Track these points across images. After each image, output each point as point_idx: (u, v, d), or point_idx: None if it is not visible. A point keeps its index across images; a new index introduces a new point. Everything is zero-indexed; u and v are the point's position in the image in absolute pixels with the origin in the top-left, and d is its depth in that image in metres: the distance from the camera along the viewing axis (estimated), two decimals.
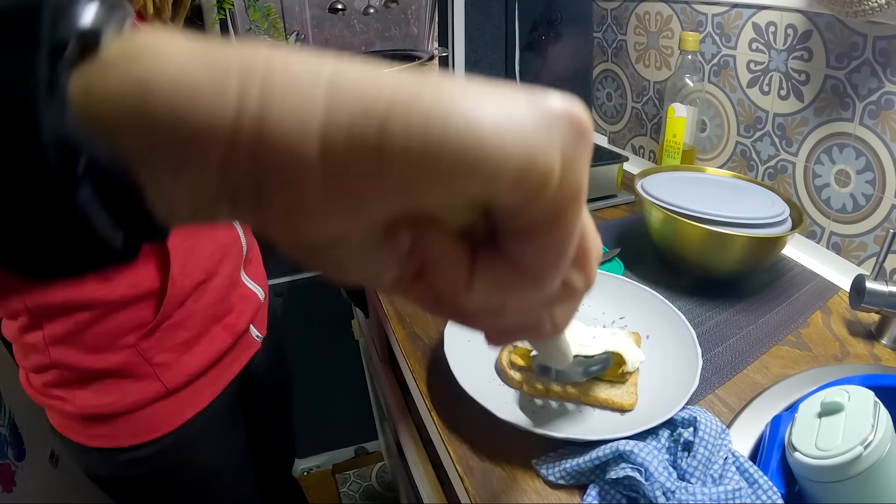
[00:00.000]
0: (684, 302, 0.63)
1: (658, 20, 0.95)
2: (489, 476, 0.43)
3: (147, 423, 0.55)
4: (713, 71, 0.86)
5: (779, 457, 0.40)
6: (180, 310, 0.54)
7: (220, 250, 0.58)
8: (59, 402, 0.53)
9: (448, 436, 0.47)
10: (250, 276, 0.65)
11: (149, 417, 0.54)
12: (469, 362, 0.50)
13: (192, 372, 0.56)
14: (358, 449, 1.65)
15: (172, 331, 0.54)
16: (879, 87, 0.63)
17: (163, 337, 0.53)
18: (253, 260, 0.67)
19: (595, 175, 0.85)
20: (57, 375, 0.51)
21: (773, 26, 0.75)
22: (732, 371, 0.52)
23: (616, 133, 1.14)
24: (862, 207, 0.68)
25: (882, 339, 0.57)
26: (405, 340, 0.60)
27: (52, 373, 0.51)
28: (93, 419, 0.53)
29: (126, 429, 0.54)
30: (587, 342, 0.46)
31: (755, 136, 0.82)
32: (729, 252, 0.60)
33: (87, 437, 0.54)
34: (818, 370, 0.52)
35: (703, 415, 0.40)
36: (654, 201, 0.63)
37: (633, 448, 0.37)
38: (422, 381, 0.54)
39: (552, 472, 0.41)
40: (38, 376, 0.53)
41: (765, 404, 0.47)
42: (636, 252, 0.71)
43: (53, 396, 0.53)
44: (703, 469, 0.37)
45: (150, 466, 0.57)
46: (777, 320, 0.60)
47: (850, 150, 0.68)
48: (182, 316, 0.54)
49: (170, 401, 0.55)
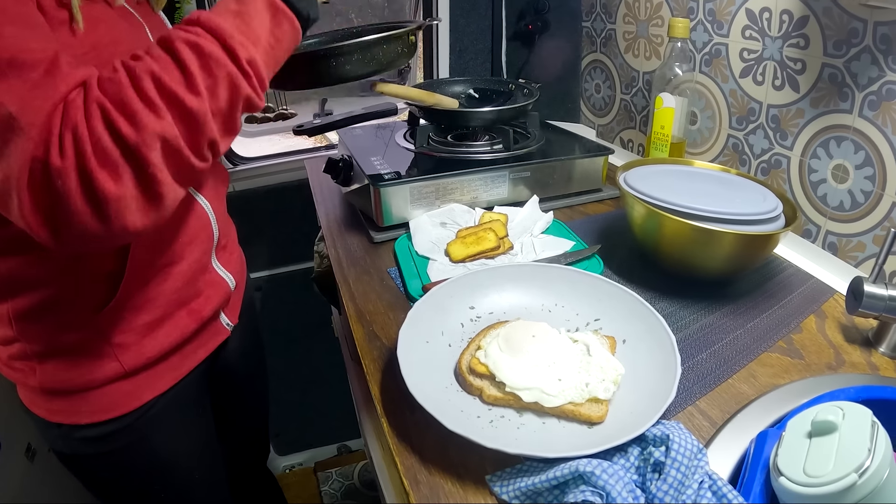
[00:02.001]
0: (667, 303, 0.58)
1: (648, 8, 0.91)
2: (437, 492, 0.39)
3: (105, 401, 0.55)
4: (704, 60, 0.82)
5: (763, 479, 0.35)
6: (143, 291, 0.54)
7: (187, 234, 0.57)
8: (22, 375, 0.54)
9: (397, 445, 0.43)
10: (223, 262, 0.64)
11: (107, 396, 0.55)
12: (427, 366, 0.46)
13: (152, 355, 0.56)
14: (341, 447, 1.63)
15: (134, 312, 0.54)
16: (880, 76, 0.59)
17: (124, 317, 0.53)
18: (227, 247, 0.66)
19: (579, 168, 0.80)
20: (20, 349, 0.52)
21: (767, 12, 0.71)
22: (716, 380, 0.48)
23: (604, 126, 1.10)
24: (861, 205, 0.64)
25: (880, 346, 0.53)
26: (363, 340, 0.56)
27: (16, 346, 0.52)
28: (53, 394, 0.54)
29: (84, 406, 0.54)
30: (550, 387, 0.41)
31: (748, 128, 0.78)
32: (716, 250, 0.55)
33: (48, 412, 0.55)
34: (810, 380, 0.47)
35: (678, 432, 0.35)
36: (636, 195, 0.59)
37: (594, 469, 0.32)
38: (376, 384, 0.50)
39: (507, 491, 0.37)
40: (3, 348, 0.54)
41: (750, 418, 0.42)
42: (618, 249, 0.67)
43: (17, 369, 0.54)
44: (674, 494, 0.32)
45: (109, 445, 0.57)
46: (767, 325, 0.55)
47: (848, 143, 0.64)
48: (145, 298, 0.54)
49: (128, 381, 0.55)
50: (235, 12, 0.41)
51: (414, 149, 0.82)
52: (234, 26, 0.40)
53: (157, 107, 0.36)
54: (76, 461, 0.59)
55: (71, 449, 0.57)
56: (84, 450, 0.57)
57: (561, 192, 0.81)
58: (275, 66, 0.44)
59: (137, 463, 0.60)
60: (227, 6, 0.42)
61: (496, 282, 0.54)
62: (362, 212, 0.79)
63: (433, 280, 0.60)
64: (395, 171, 0.73)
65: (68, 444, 0.57)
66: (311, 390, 1.45)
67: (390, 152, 0.82)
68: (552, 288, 0.54)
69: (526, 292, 0.54)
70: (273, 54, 0.43)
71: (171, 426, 0.61)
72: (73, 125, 0.35)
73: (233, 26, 0.40)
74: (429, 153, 0.80)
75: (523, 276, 0.55)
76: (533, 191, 0.77)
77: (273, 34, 0.43)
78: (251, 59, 0.40)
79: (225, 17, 0.40)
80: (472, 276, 0.54)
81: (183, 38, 0.38)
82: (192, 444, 0.66)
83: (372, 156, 0.80)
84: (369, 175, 0.72)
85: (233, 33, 0.39)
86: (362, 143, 0.87)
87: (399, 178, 0.71)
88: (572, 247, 0.66)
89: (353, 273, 0.67)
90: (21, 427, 0.91)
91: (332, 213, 0.83)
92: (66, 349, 0.52)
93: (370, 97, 1.57)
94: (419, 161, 0.79)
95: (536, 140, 0.84)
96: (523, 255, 0.65)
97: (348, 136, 0.91)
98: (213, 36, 0.39)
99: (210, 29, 0.39)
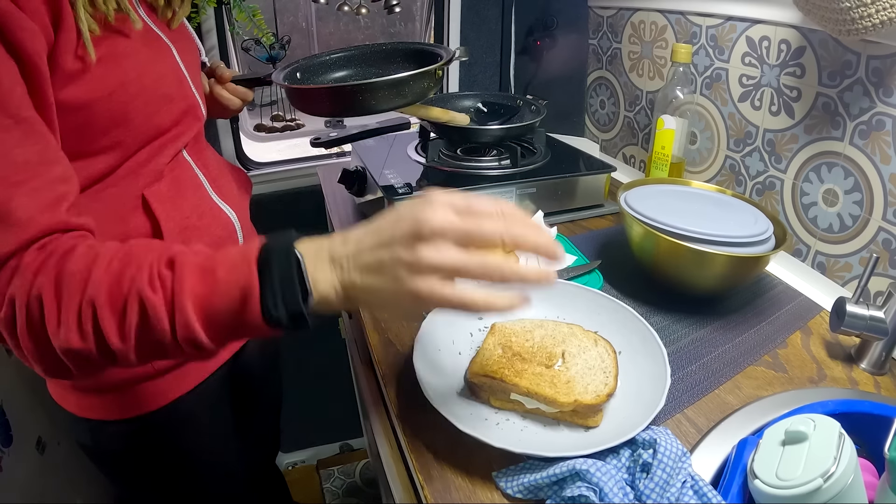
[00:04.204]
0: (661, 318, 0.62)
1: (653, 30, 0.95)
2: (449, 486, 0.43)
3: (135, 399, 0.57)
4: (705, 83, 0.86)
5: (741, 482, 0.39)
6: None
7: (214, 243, 0.58)
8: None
9: (412, 443, 0.46)
10: None
11: (137, 394, 0.57)
12: (439, 372, 0.50)
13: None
14: (343, 445, 1.66)
15: None
16: (871, 107, 0.63)
17: None
18: None
19: (583, 184, 0.84)
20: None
21: (766, 41, 0.75)
22: (704, 390, 0.52)
23: (608, 141, 1.13)
24: (849, 228, 0.67)
25: (861, 362, 0.56)
26: (378, 346, 0.59)
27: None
28: (86, 391, 0.56)
29: (115, 403, 0.57)
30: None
31: (745, 150, 0.81)
32: (708, 270, 0.59)
33: (78, 408, 0.57)
34: (792, 393, 0.51)
35: (664, 437, 0.39)
36: (635, 215, 0.63)
37: (589, 467, 0.36)
38: (391, 388, 0.53)
39: (511, 486, 0.41)
40: None
41: (733, 426, 0.46)
42: (618, 265, 0.70)
43: None
44: (659, 492, 0.36)
45: (136, 441, 0.60)
46: (755, 339, 0.59)
47: (838, 169, 0.67)
48: None
49: (158, 380, 0.58)
50: (210, 283, 0.35)
51: (425, 162, 0.86)
52: (196, 298, 0.35)
53: (84, 331, 0.35)
54: (102, 455, 0.62)
55: (98, 443, 0.60)
56: (111, 445, 0.60)
57: (564, 207, 0.85)
58: (230, 342, 0.39)
59: (161, 458, 0.63)
60: (214, 270, 0.36)
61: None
62: None
63: None
64: (406, 184, 0.77)
65: (95, 439, 0.59)
66: (315, 389, 1.48)
67: (402, 164, 0.86)
68: (554, 301, 0.58)
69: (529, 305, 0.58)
70: (226, 339, 0.37)
71: (195, 423, 0.64)
72: (12, 296, 0.35)
73: (195, 298, 0.35)
74: (439, 167, 0.84)
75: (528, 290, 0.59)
76: (538, 205, 0.81)
77: (234, 327, 0.36)
78: (192, 340, 0.36)
79: (197, 283, 0.35)
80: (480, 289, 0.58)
81: (140, 291, 0.35)
82: (213, 440, 0.68)
83: (384, 168, 0.84)
84: (383, 187, 0.76)
85: (184, 309, 0.35)
86: (375, 154, 0.91)
87: (411, 190, 0.75)
88: (574, 261, 0.69)
89: None
90: (32, 421, 0.93)
91: (346, 222, 0.87)
92: None
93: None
94: (430, 174, 0.83)
95: (542, 156, 0.88)
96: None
97: (361, 148, 0.95)
98: (166, 305, 0.35)
99: (173, 292, 0.35)
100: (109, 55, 0.45)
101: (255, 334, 0.37)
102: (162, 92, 0.52)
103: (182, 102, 0.55)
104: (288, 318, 0.35)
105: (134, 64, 0.48)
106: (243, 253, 0.36)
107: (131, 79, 0.47)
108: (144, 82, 0.49)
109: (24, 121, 0.38)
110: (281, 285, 0.35)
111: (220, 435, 0.70)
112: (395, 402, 0.51)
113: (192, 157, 0.60)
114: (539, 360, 0.48)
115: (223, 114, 0.76)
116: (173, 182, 0.55)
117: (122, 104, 0.47)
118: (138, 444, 0.60)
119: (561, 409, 0.44)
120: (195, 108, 0.59)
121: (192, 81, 0.59)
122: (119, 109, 0.47)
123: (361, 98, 0.57)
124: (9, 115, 0.37)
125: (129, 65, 0.47)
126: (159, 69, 0.52)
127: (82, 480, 1.04)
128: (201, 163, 0.61)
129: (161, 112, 0.52)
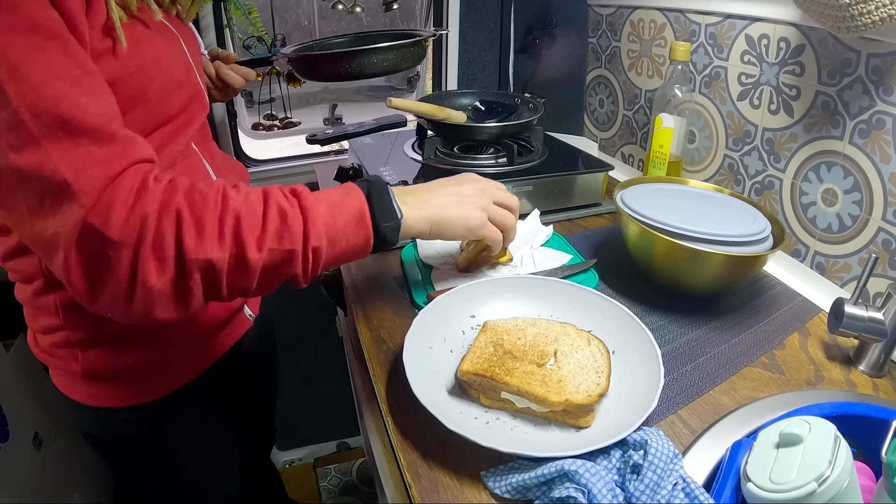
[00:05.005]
0: (657, 317, 0.61)
1: (652, 28, 0.94)
2: (437, 484, 0.42)
3: (143, 386, 0.59)
4: (704, 82, 0.85)
5: (734, 485, 0.38)
6: None
7: None
8: (62, 361, 0.57)
9: (400, 441, 0.46)
10: None
11: (145, 382, 0.59)
12: (430, 370, 0.49)
13: (187, 341, 0.61)
14: (340, 444, 1.66)
15: None
16: (871, 105, 0.62)
17: None
18: None
19: (580, 183, 0.83)
20: (64, 337, 0.55)
21: (765, 39, 0.74)
22: (699, 391, 0.51)
23: (607, 140, 1.13)
24: (848, 228, 0.67)
25: (860, 364, 0.55)
26: (370, 343, 0.59)
27: (60, 334, 0.55)
28: (93, 378, 0.57)
29: (124, 390, 0.59)
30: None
31: (743, 149, 0.81)
32: (704, 269, 0.58)
33: (86, 396, 0.58)
34: (788, 395, 0.50)
35: (656, 438, 0.38)
36: (631, 214, 0.62)
37: (578, 468, 0.35)
38: (381, 385, 0.53)
39: (499, 486, 0.40)
40: (45, 337, 0.57)
41: (728, 428, 0.45)
42: (613, 264, 0.70)
43: (58, 356, 0.57)
44: (649, 494, 0.35)
45: (141, 429, 0.62)
46: (751, 340, 0.58)
47: (838, 168, 0.67)
48: None
49: (164, 367, 0.60)
50: (331, 205, 0.45)
51: (421, 160, 0.85)
52: (323, 216, 0.44)
53: (224, 241, 0.40)
54: (107, 442, 0.63)
55: (104, 431, 0.61)
56: (117, 432, 0.61)
57: (561, 205, 0.84)
58: (333, 264, 0.47)
59: (165, 445, 0.65)
60: (329, 196, 0.46)
61: (496, 292, 0.58)
62: None
63: (437, 288, 0.63)
64: (402, 181, 0.76)
65: (102, 427, 0.61)
66: (312, 387, 1.48)
67: (398, 162, 0.85)
68: (548, 299, 0.57)
69: (523, 303, 0.57)
70: (336, 255, 0.46)
71: (198, 411, 0.66)
72: (144, 213, 0.37)
73: (322, 216, 0.44)
74: (436, 165, 0.84)
75: (522, 288, 0.58)
76: (534, 204, 0.81)
77: (348, 239, 0.46)
78: (317, 250, 0.44)
79: (321, 204, 0.45)
80: (473, 286, 0.57)
81: (278, 202, 0.43)
82: (214, 428, 0.70)
83: (380, 165, 0.83)
84: None
85: (316, 221, 0.44)
86: (371, 152, 0.90)
87: None
88: (570, 260, 0.69)
89: (361, 279, 0.70)
90: (29, 417, 0.94)
91: None
92: (109, 337, 0.55)
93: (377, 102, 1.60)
94: (426, 172, 0.82)
95: (539, 154, 0.87)
96: (522, 266, 0.68)
97: (358, 145, 0.94)
98: (302, 215, 0.43)
99: (304, 208, 0.43)
100: (131, 38, 0.47)
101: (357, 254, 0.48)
102: (174, 77, 0.54)
103: (190, 89, 0.57)
104: (391, 231, 0.48)
105: (151, 49, 0.50)
106: (348, 186, 0.49)
107: (149, 61, 0.49)
108: (161, 66, 0.51)
109: (90, 72, 0.40)
110: (383, 207, 0.48)
111: (220, 424, 0.72)
112: (386, 399, 0.51)
113: (199, 147, 0.62)
114: (531, 359, 0.47)
115: (224, 96, 0.80)
116: (185, 170, 0.57)
117: (141, 84, 0.48)
118: (145, 431, 0.62)
119: (552, 409, 0.43)
120: (201, 96, 0.61)
121: (196, 71, 0.61)
122: (138, 89, 0.48)
123: (355, 62, 0.70)
124: (78, 65, 0.39)
125: (148, 49, 0.49)
126: (171, 56, 0.54)
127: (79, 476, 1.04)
128: (207, 153, 0.64)
129: (172, 97, 0.53)
